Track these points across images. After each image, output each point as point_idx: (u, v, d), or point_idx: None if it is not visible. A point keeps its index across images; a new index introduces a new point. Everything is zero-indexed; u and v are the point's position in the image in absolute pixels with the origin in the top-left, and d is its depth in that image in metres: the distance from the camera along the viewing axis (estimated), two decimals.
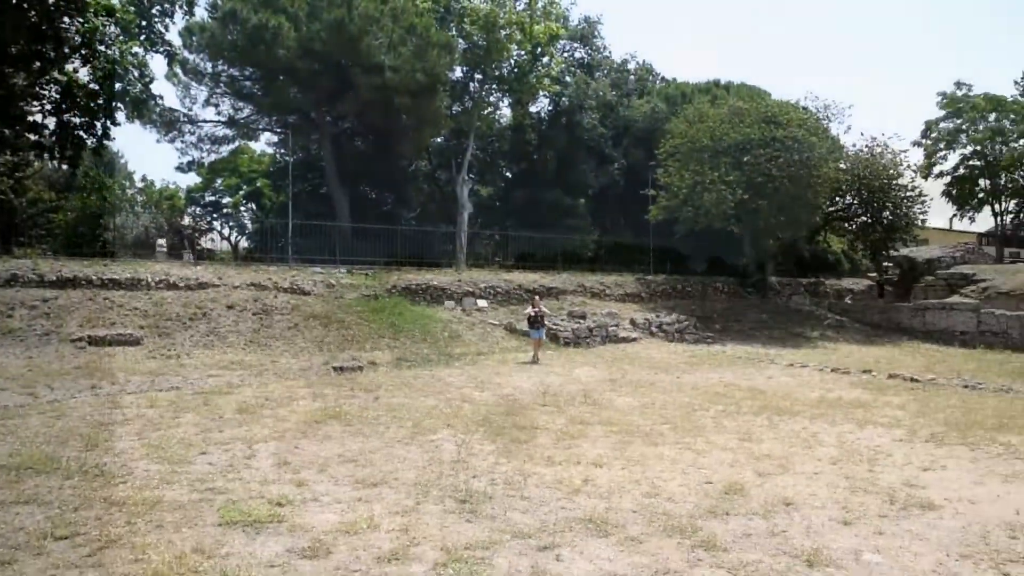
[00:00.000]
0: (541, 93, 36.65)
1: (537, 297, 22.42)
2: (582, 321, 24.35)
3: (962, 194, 52.23)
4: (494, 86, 34.89)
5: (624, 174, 39.41)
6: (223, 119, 33.72)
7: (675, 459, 8.79)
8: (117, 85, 23.31)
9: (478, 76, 33.87)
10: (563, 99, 37.50)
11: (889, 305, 33.59)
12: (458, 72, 33.59)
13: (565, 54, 39.81)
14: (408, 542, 5.72)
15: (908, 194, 34.72)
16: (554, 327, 22.48)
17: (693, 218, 31.04)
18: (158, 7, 24.49)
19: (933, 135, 53.13)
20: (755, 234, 33.36)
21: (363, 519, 6.20)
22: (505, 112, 39.78)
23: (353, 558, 5.36)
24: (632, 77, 43.86)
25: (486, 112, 36.01)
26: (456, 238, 31.53)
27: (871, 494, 7.48)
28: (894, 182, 34.40)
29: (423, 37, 28.30)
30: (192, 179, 49.00)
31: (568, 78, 38.34)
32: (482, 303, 24.90)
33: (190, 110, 33.05)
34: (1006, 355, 24.16)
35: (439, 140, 36.36)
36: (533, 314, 20.44)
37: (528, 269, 29.88)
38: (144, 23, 24.16)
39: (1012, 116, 49.81)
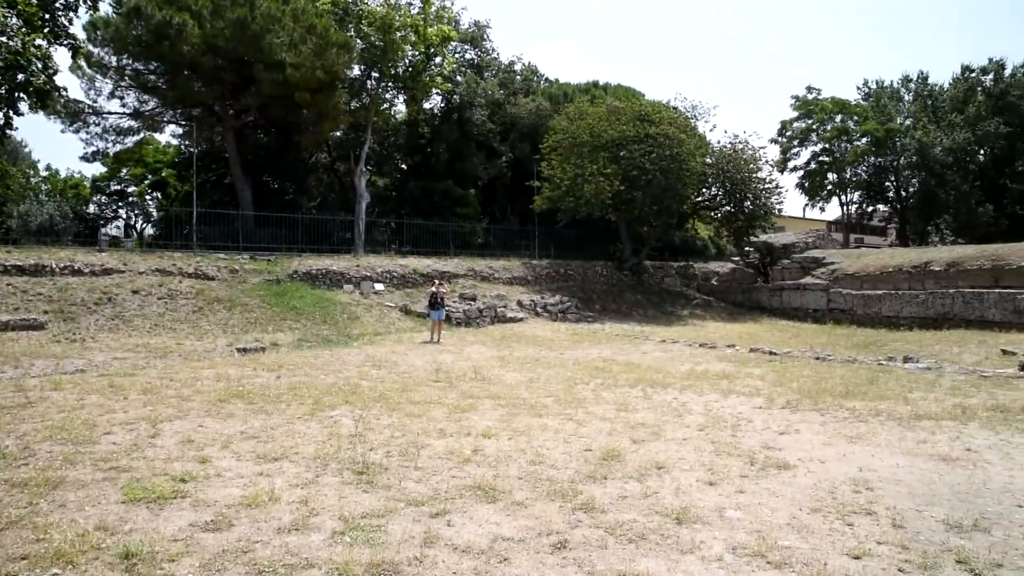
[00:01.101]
0: (434, 91, 36.34)
1: (438, 281, 22.39)
2: (473, 303, 24.46)
3: (813, 186, 55.00)
4: (390, 84, 34.39)
5: (511, 166, 39.63)
6: (128, 111, 31.97)
7: (558, 429, 8.88)
8: (19, 76, 21.83)
9: (375, 74, 33.30)
10: (455, 97, 37.32)
11: (750, 285, 35.01)
12: (356, 70, 32.92)
13: (456, 55, 39.58)
14: (308, 513, 5.62)
15: (766, 186, 36.23)
16: (447, 308, 22.56)
17: (574, 207, 31.52)
18: (62, 1, 22.92)
19: (788, 133, 55.72)
20: (631, 222, 34.22)
21: (264, 492, 6.04)
22: (401, 108, 39.33)
23: (255, 530, 5.23)
24: (519, 77, 44.03)
25: (383, 108, 35.47)
26: (354, 226, 31.00)
27: (734, 457, 7.69)
28: (754, 175, 35.77)
29: (323, 37, 27.57)
30: (97, 169, 46.34)
31: (459, 77, 38.16)
32: (379, 287, 24.65)
33: (95, 102, 31.23)
34: (852, 329, 25.48)
35: (338, 134, 35.58)
36: (434, 292, 20.41)
37: (422, 255, 29.73)
38: (47, 16, 22.59)
39: (855, 117, 52.70)
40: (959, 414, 10.06)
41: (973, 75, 51.02)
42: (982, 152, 48.37)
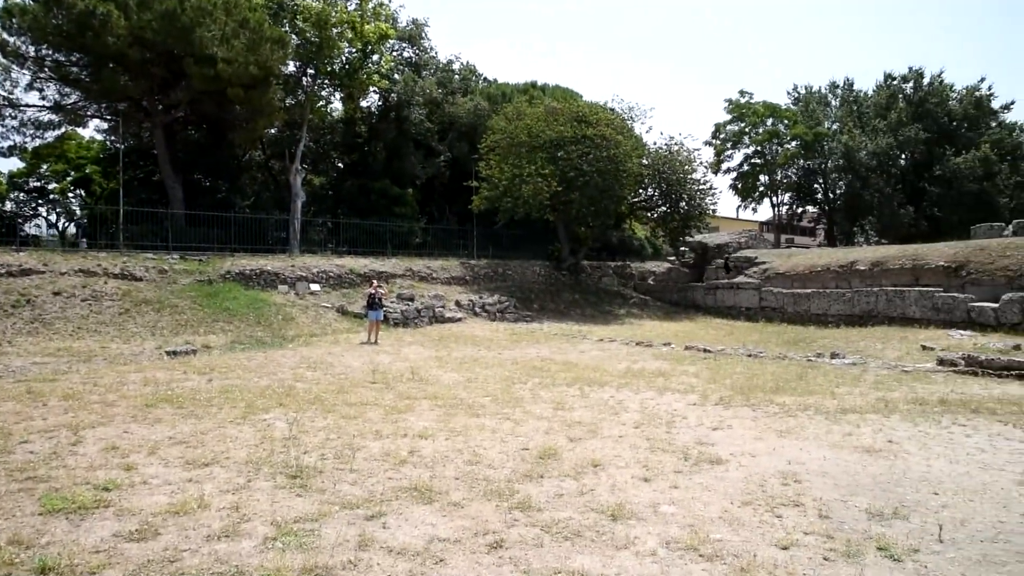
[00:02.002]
0: (372, 89, 35.92)
1: (375, 281, 22.15)
2: (411, 303, 24.30)
3: (746, 187, 56.37)
4: (326, 81, 33.85)
5: (450, 166, 39.48)
6: (48, 104, 30.58)
7: (495, 429, 8.89)
8: None
9: (311, 71, 32.73)
10: (392, 95, 36.96)
11: (686, 284, 35.64)
12: (291, 66, 32.29)
13: (394, 53, 39.21)
14: (239, 519, 5.49)
15: (701, 187, 36.90)
16: (385, 309, 22.33)
17: (513, 208, 31.56)
18: None
19: (721, 136, 56.98)
20: (569, 222, 34.48)
21: (193, 499, 5.88)
22: (337, 106, 38.76)
23: (183, 538, 5.07)
24: (457, 76, 43.89)
25: (319, 105, 34.91)
26: (290, 225, 30.43)
27: (668, 453, 7.81)
28: (689, 176, 36.40)
29: (256, 31, 26.92)
30: (15, 164, 44.32)
31: (397, 76, 37.80)
32: (315, 287, 24.26)
33: (11, 93, 29.79)
34: (783, 327, 26.13)
35: (273, 131, 34.86)
36: (372, 293, 20.20)
37: (359, 255, 29.36)
38: None
39: (785, 121, 54.20)
40: (882, 407, 10.46)
41: (895, 83, 53.02)
42: (903, 157, 50.27)
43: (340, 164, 40.30)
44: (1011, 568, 4.82)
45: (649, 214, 39.03)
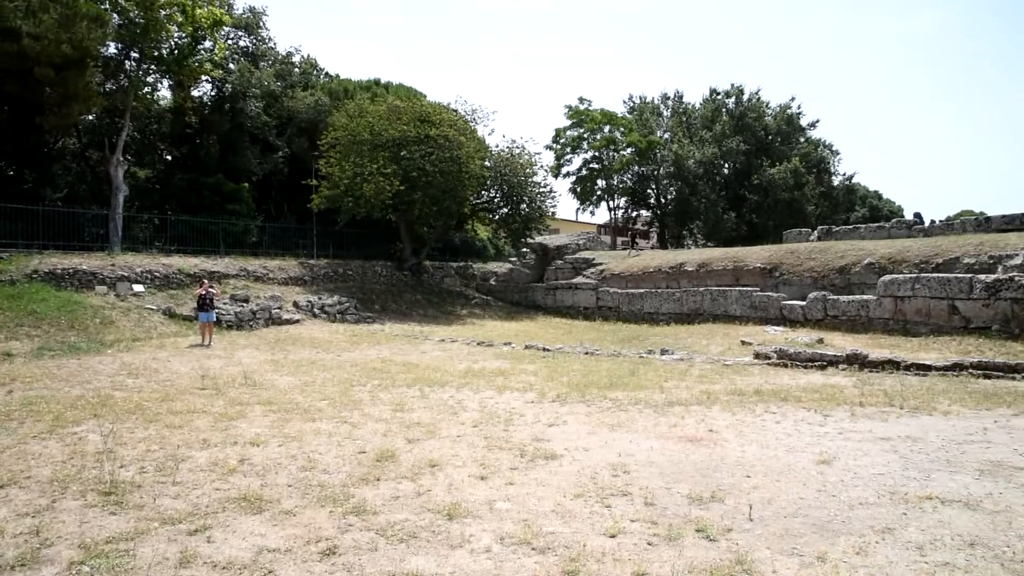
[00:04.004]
0: (204, 78, 33.94)
1: (207, 281, 21.01)
2: (245, 304, 23.26)
3: (584, 191, 58.16)
4: (153, 66, 31.58)
5: (289, 162, 38.13)
6: None
7: (332, 433, 8.71)
8: None
9: (135, 54, 30.48)
10: (227, 85, 35.14)
11: (527, 285, 36.36)
12: (112, 48, 29.88)
13: (229, 41, 37.27)
14: (39, 544, 5.02)
15: (542, 190, 37.80)
16: (217, 311, 21.25)
17: (354, 207, 31.00)
18: None
19: (561, 141, 58.52)
20: (411, 222, 34.28)
21: None
22: (166, 94, 36.27)
23: None
24: (297, 70, 42.49)
25: (144, 92, 32.48)
26: (110, 221, 28.18)
27: (505, 450, 7.93)
28: (530, 179, 37.19)
29: (70, 6, 24.66)
30: None
31: (232, 65, 35.99)
32: (138, 288, 22.63)
33: None
34: (618, 325, 27.15)
35: (91, 117, 32.16)
36: (203, 294, 19.17)
37: (189, 254, 27.71)
38: None
39: (622, 128, 56.48)
40: (705, 399, 11.18)
41: (719, 97, 56.92)
42: (727, 166, 54.01)
43: (169, 157, 37.84)
44: (807, 539, 5.32)
45: (491, 215, 39.51)
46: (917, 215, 69.77)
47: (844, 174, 58.40)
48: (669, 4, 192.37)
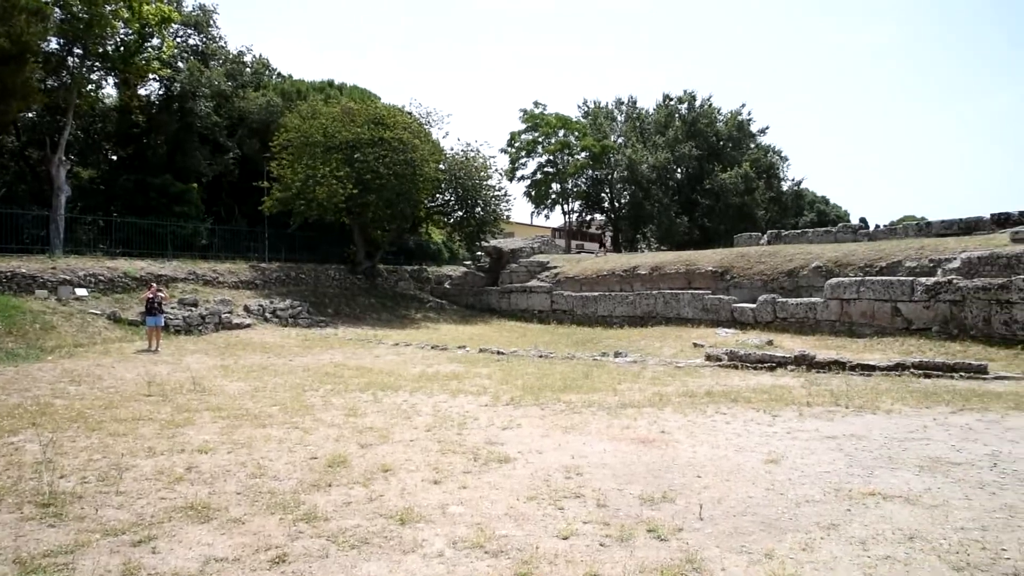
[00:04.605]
0: (152, 76, 33.23)
1: (155, 285, 20.54)
2: (194, 308, 22.81)
3: (539, 195, 58.56)
4: (97, 63, 30.81)
5: (239, 164, 37.54)
6: None
7: (282, 439, 8.58)
8: None
9: (78, 51, 29.68)
10: (176, 84, 34.43)
11: (482, 288, 36.36)
12: (54, 43, 29.06)
13: (178, 39, 36.56)
14: None
15: (496, 193, 37.91)
16: (165, 315, 20.79)
17: (306, 210, 30.67)
18: None
19: (516, 144, 58.82)
20: (365, 225, 34.03)
21: None
22: (111, 92, 35.44)
23: None
24: (248, 69, 41.86)
25: (88, 90, 31.68)
26: (51, 222, 27.37)
27: (459, 454, 7.90)
28: (485, 182, 37.23)
29: None
30: None
31: (181, 64, 35.29)
32: (81, 292, 22.00)
33: None
34: (573, 328, 27.36)
35: (31, 115, 31.28)
36: (151, 298, 18.76)
37: (136, 257, 27.04)
38: None
39: (576, 133, 57.03)
40: (657, 401, 11.31)
41: (672, 103, 57.80)
42: (679, 171, 54.86)
43: (114, 157, 36.94)
44: (755, 536, 5.42)
45: (446, 219, 39.43)
46: (863, 220, 71.92)
47: (793, 179, 59.95)
48: (624, 10, 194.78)
